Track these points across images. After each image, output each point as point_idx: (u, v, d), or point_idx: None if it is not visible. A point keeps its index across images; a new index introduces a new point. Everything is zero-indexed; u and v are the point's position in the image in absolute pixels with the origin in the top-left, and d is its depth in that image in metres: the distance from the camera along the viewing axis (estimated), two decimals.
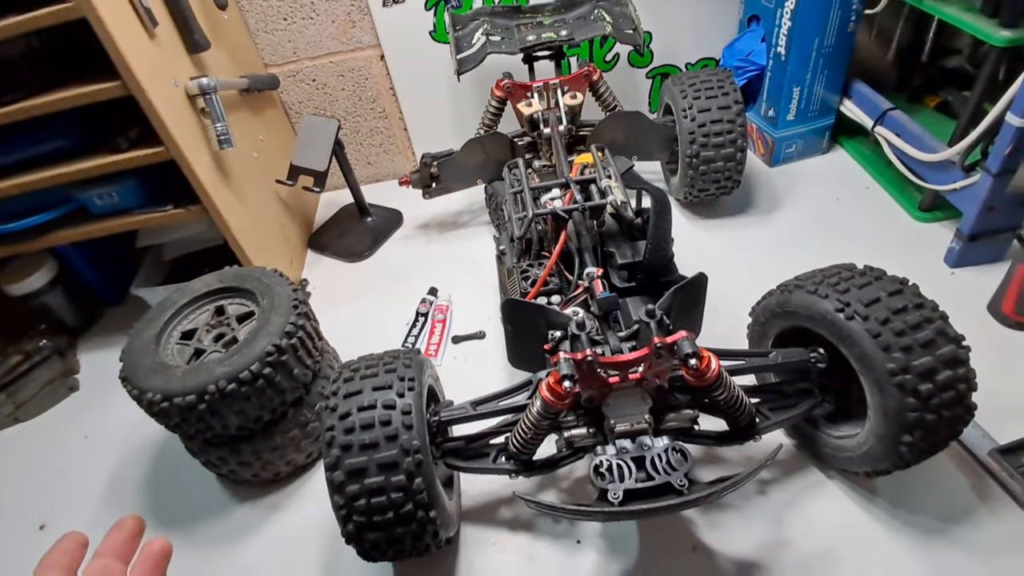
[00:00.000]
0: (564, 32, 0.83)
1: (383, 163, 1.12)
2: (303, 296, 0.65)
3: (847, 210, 0.87)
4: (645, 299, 0.62)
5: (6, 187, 0.70)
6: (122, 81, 0.63)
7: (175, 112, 0.68)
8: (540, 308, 0.56)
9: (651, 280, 0.62)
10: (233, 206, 0.78)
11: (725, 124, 0.79)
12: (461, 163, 0.87)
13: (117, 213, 0.76)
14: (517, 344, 0.60)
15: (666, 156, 0.88)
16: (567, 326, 0.54)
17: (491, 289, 0.84)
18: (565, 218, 0.62)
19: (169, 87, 0.68)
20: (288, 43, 0.96)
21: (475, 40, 0.86)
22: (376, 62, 0.99)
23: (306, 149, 0.91)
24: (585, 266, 0.63)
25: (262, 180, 0.89)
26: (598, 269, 0.62)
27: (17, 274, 0.85)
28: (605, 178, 0.63)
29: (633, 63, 1.01)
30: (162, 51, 0.69)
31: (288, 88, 1.01)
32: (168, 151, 0.68)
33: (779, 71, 0.87)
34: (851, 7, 0.80)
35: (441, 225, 1.00)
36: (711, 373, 0.47)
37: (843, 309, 0.48)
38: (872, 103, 0.85)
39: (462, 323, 0.82)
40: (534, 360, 0.60)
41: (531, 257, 0.68)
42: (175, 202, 0.75)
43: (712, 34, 0.99)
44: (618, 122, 0.84)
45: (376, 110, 1.05)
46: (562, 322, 0.56)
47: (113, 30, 0.60)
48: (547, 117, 0.81)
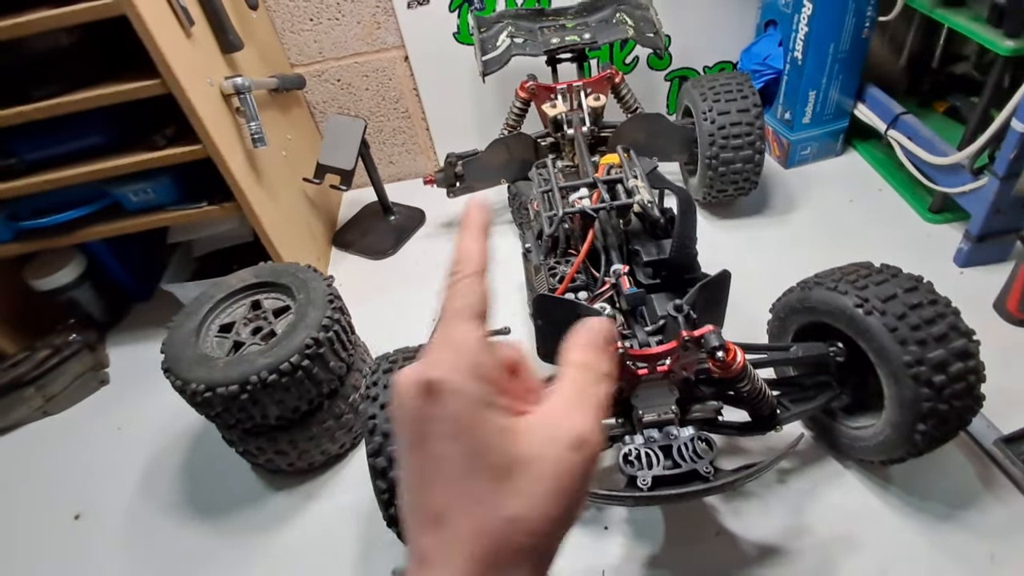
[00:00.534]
0: (587, 35, 0.85)
1: (405, 162, 1.14)
2: (337, 291, 0.67)
3: (860, 211, 0.89)
4: (670, 295, 0.64)
5: (41, 182, 0.72)
6: (161, 79, 0.65)
7: (211, 110, 0.70)
8: (571, 303, 0.58)
9: (675, 277, 0.64)
10: (265, 203, 0.80)
11: (744, 126, 0.81)
12: (485, 163, 0.89)
13: (152, 209, 0.78)
14: (547, 338, 0.63)
15: (685, 157, 0.91)
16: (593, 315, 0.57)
17: (515, 286, 0.87)
18: (593, 217, 0.64)
19: (205, 86, 0.71)
20: (314, 43, 0.98)
21: (499, 42, 0.88)
22: (400, 63, 1.02)
23: (332, 148, 0.93)
24: (612, 263, 0.65)
25: (290, 178, 0.91)
26: (624, 266, 0.64)
27: (45, 269, 0.87)
28: (632, 178, 0.65)
29: (652, 66, 1.03)
30: (198, 50, 0.71)
31: (313, 88, 1.03)
32: (205, 149, 0.70)
33: (795, 75, 0.89)
34: (865, 14, 0.82)
35: None
36: (737, 365, 0.49)
37: (862, 305, 0.50)
38: (885, 107, 0.87)
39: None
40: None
41: (558, 255, 0.70)
42: (209, 199, 0.77)
43: (730, 38, 1.01)
44: (639, 124, 0.86)
45: (399, 110, 1.07)
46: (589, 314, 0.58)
47: (152, 27, 0.62)
48: (570, 118, 0.84)
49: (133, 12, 0.60)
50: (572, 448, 0.22)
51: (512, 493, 0.21)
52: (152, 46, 0.62)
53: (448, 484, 0.21)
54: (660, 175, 0.68)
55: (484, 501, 0.21)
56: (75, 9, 0.60)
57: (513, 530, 0.21)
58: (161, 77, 0.65)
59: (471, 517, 0.21)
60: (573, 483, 0.22)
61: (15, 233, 0.78)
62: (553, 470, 0.22)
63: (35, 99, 0.67)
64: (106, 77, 0.70)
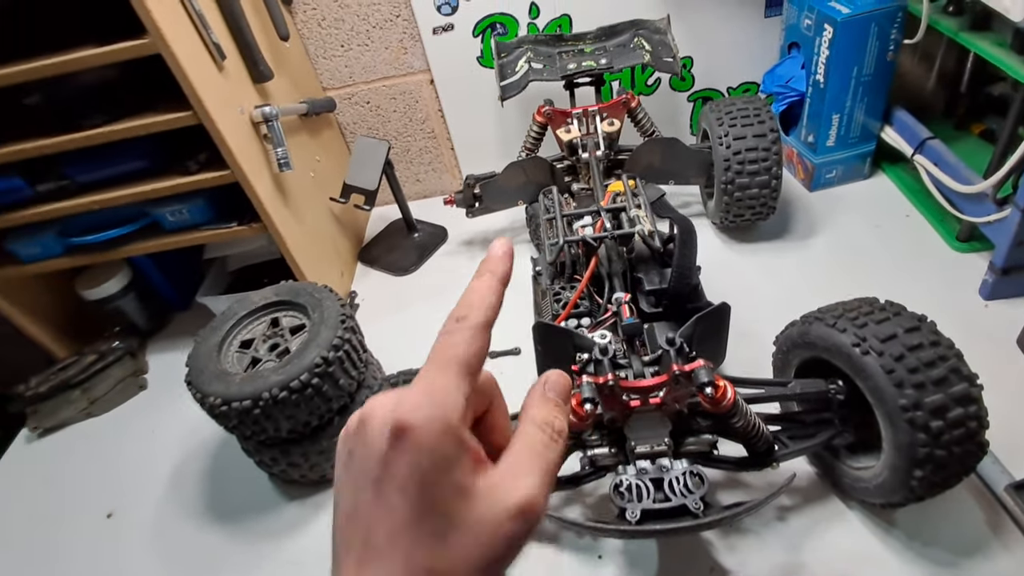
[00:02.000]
0: (604, 60, 0.86)
1: (431, 180, 1.17)
2: (350, 311, 0.70)
3: (886, 237, 0.87)
4: (673, 325, 0.65)
5: (88, 203, 0.78)
6: (193, 111, 0.70)
7: (240, 138, 0.75)
8: (567, 332, 0.60)
9: (677, 306, 0.64)
10: (290, 224, 0.84)
11: (760, 152, 0.80)
12: (503, 185, 0.91)
13: (187, 228, 0.83)
14: (547, 364, 0.64)
15: (703, 181, 0.90)
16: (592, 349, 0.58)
17: (529, 306, 0.88)
18: (595, 245, 0.65)
19: (236, 115, 0.75)
20: (345, 68, 1.03)
21: (519, 67, 0.90)
22: (426, 86, 1.05)
23: (359, 168, 0.97)
24: (614, 291, 0.66)
25: (317, 198, 0.95)
26: (626, 295, 0.65)
27: (94, 280, 0.94)
28: (634, 207, 0.66)
29: (674, 87, 1.03)
30: (229, 82, 0.75)
31: (344, 110, 1.07)
32: (233, 174, 0.75)
33: (818, 98, 0.88)
34: (889, 36, 0.81)
35: (484, 242, 1.04)
36: (727, 402, 0.49)
37: (859, 344, 0.50)
38: (912, 131, 0.85)
39: (499, 338, 0.86)
40: None
41: (564, 280, 0.72)
42: (239, 220, 0.82)
43: (754, 59, 1.00)
44: (654, 148, 0.86)
45: (426, 130, 1.10)
46: (587, 345, 0.59)
47: (185, 64, 0.67)
48: (585, 143, 0.85)
49: (167, 51, 0.65)
50: (513, 518, 0.22)
51: (444, 550, 0.22)
52: (184, 82, 0.67)
53: (390, 529, 0.22)
54: (666, 203, 0.69)
55: (415, 553, 0.22)
56: (115, 48, 0.65)
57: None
58: (193, 109, 0.69)
59: (402, 563, 0.22)
60: (507, 551, 0.22)
61: (65, 248, 0.85)
62: (490, 536, 0.22)
63: (84, 127, 0.73)
64: (148, 107, 0.75)
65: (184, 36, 0.67)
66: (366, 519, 0.23)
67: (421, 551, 0.22)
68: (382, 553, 0.22)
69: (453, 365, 0.24)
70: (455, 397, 0.23)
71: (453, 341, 0.25)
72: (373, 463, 0.23)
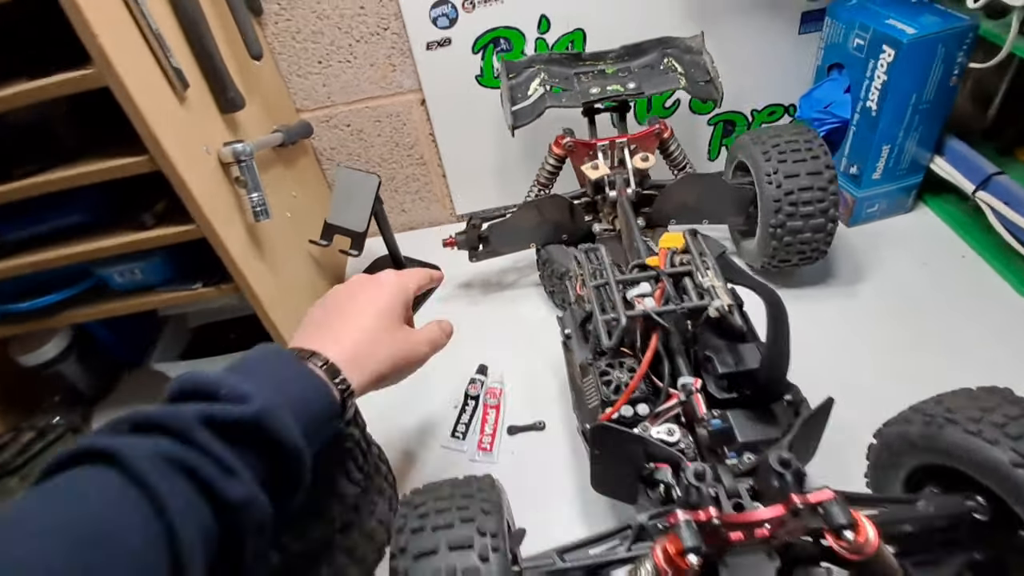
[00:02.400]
0: (632, 84, 0.75)
1: (418, 211, 1.04)
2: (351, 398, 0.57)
3: (940, 282, 0.78)
4: (749, 414, 0.54)
5: (19, 265, 0.63)
6: (149, 155, 0.55)
7: (207, 184, 0.60)
8: (640, 439, 0.48)
9: (757, 392, 0.54)
10: (266, 279, 0.70)
11: (816, 192, 0.70)
12: (514, 226, 0.79)
13: (140, 291, 0.68)
14: (605, 470, 0.52)
15: (741, 220, 0.80)
16: (676, 463, 0.47)
17: (549, 368, 0.76)
18: (660, 323, 0.54)
19: (200, 155, 0.61)
20: (323, 87, 0.88)
21: (531, 91, 0.78)
22: (416, 107, 0.92)
23: (342, 205, 0.83)
24: (678, 373, 0.55)
25: (295, 241, 0.81)
26: (696, 380, 0.54)
27: (30, 343, 0.78)
28: (705, 272, 0.55)
29: (695, 109, 0.93)
30: (193, 115, 0.61)
31: (320, 134, 0.93)
32: (199, 228, 0.60)
33: (867, 127, 0.79)
34: (955, 60, 0.72)
35: (485, 285, 0.92)
36: (869, 547, 0.39)
37: (1022, 465, 0.40)
38: (972, 165, 0.77)
39: (517, 409, 0.74)
40: (623, 489, 0.52)
41: (611, 355, 0.60)
42: (204, 279, 0.67)
43: (783, 80, 0.90)
44: (693, 185, 0.75)
45: (414, 156, 0.97)
46: (667, 457, 0.48)
47: (140, 99, 0.52)
48: (613, 180, 0.73)
49: (116, 83, 0.50)
50: (420, 343, 0.51)
51: (383, 333, 0.48)
52: (139, 121, 0.52)
53: (357, 317, 0.48)
54: (732, 263, 0.58)
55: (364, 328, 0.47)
56: (51, 82, 0.50)
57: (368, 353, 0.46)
58: (148, 153, 0.55)
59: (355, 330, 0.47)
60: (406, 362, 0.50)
61: None
62: (404, 343, 0.49)
63: (15, 177, 0.57)
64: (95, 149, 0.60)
65: (138, 63, 0.53)
66: (341, 310, 0.48)
67: (369, 331, 0.47)
68: (347, 323, 0.47)
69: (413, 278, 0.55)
70: (410, 287, 0.54)
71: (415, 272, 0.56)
72: (358, 288, 0.51)
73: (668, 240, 0.61)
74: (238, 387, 0.36)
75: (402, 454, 0.71)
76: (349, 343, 0.45)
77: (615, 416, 0.53)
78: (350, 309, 0.48)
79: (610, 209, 0.78)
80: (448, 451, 0.71)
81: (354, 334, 0.46)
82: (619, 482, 0.53)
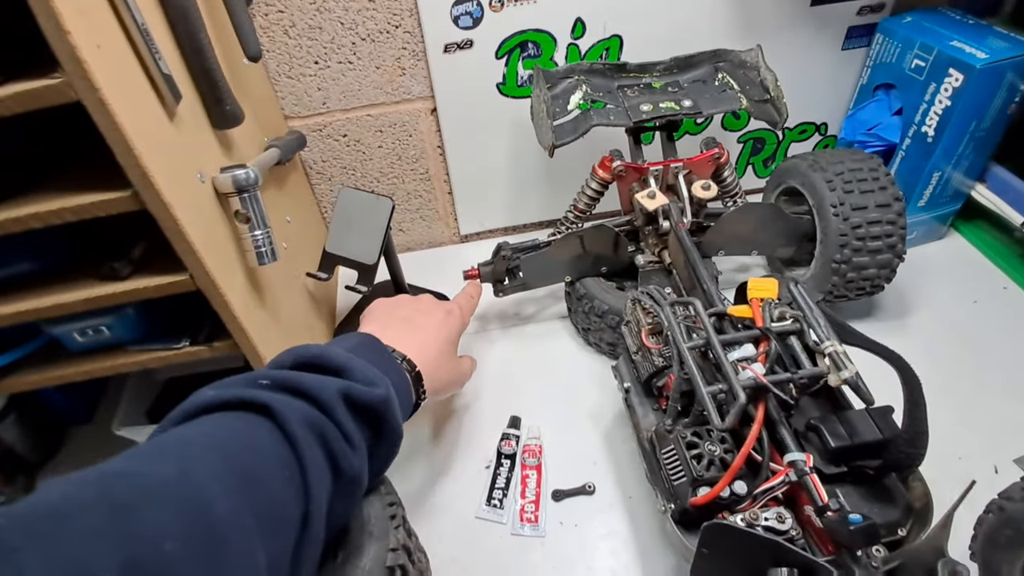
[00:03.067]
0: (687, 103, 0.67)
1: (418, 231, 0.93)
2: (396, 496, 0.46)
3: (989, 318, 0.75)
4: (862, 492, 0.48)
5: None
6: (132, 190, 0.42)
7: (202, 223, 0.48)
8: (771, 543, 0.40)
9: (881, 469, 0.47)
10: (268, 330, 0.58)
11: (885, 226, 0.65)
12: (551, 258, 0.70)
13: (106, 351, 0.54)
14: (709, 570, 0.45)
15: (790, 252, 0.74)
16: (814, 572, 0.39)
17: (588, 418, 0.68)
18: (779, 396, 0.46)
19: (194, 186, 0.48)
20: (317, 92, 0.75)
21: (571, 105, 0.68)
22: (425, 116, 0.80)
23: (345, 232, 0.71)
24: (785, 447, 0.48)
25: (291, 276, 0.68)
26: (807, 456, 0.47)
27: None
28: (821, 334, 0.48)
29: (726, 126, 0.86)
30: (185, 135, 0.48)
31: (311, 144, 0.80)
32: (192, 280, 0.47)
33: (920, 153, 0.75)
34: (1018, 88, 0.68)
35: (501, 318, 0.82)
36: None
37: None
38: (1020, 195, 0.74)
39: (557, 468, 0.65)
40: None
41: (693, 419, 0.52)
42: (191, 336, 0.54)
43: (819, 97, 0.85)
44: (750, 215, 0.69)
45: (418, 171, 0.86)
46: (806, 564, 0.40)
47: (124, 118, 0.39)
48: (667, 209, 0.65)
49: (93, 99, 0.37)
50: (467, 367, 0.60)
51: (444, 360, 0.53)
52: (121, 146, 0.39)
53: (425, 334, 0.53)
54: (840, 320, 0.51)
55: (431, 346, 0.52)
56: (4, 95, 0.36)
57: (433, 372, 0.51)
58: (132, 186, 0.41)
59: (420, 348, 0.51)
60: (457, 378, 0.57)
61: None
62: (458, 365, 0.57)
63: None
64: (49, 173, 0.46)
65: (121, 70, 0.40)
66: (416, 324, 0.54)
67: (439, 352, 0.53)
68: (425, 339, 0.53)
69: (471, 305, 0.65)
70: (467, 321, 0.62)
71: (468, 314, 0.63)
72: (430, 308, 0.58)
73: (757, 288, 0.54)
74: (367, 371, 0.40)
75: (433, 530, 0.61)
76: (425, 357, 0.50)
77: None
78: (427, 326, 0.54)
79: (656, 240, 0.70)
80: (485, 523, 0.62)
81: (429, 352, 0.51)
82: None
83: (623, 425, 0.67)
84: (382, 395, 0.39)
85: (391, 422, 0.40)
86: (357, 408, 0.38)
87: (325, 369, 0.39)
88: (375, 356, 0.45)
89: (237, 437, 0.32)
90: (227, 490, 0.28)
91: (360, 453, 0.37)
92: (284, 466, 0.32)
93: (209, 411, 0.34)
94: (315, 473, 0.33)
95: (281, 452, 0.32)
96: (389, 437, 0.41)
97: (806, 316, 0.49)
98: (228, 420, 0.33)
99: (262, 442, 0.32)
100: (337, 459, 0.35)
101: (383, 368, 0.43)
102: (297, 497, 0.32)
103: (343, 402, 0.37)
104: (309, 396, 0.36)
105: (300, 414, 0.34)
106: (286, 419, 0.33)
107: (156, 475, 0.27)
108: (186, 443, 0.31)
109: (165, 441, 0.31)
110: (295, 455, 0.33)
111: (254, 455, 0.31)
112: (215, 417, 0.33)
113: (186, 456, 0.29)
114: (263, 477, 0.30)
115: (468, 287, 0.68)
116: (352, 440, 0.36)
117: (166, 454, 0.29)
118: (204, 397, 0.34)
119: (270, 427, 0.33)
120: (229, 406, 0.34)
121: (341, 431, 0.36)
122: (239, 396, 0.34)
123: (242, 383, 0.36)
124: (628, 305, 0.60)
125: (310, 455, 0.33)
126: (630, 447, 0.65)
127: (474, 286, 0.69)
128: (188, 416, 0.34)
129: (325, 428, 0.35)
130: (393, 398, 0.40)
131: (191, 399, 0.34)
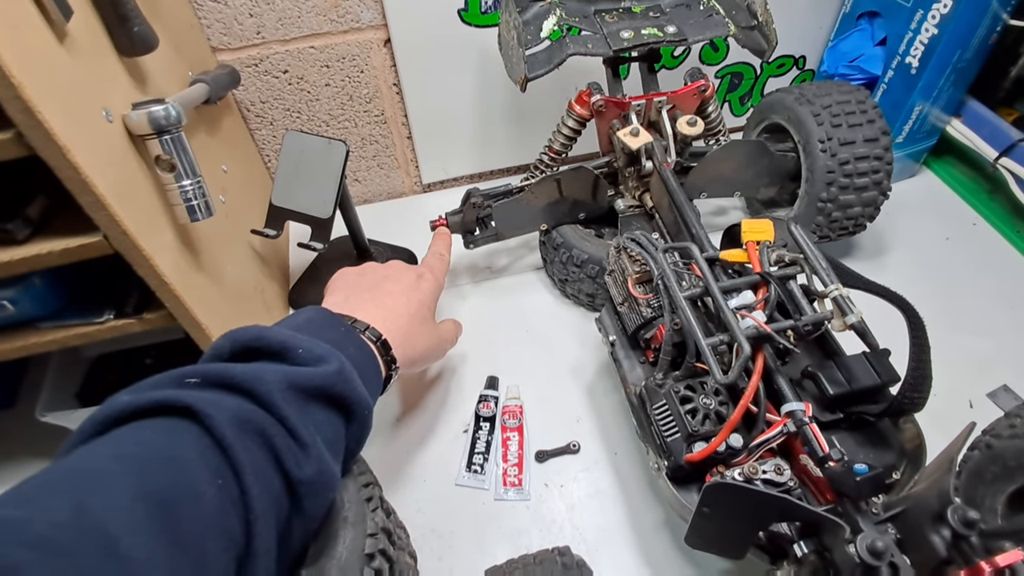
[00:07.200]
0: (671, 28, 0.61)
1: (376, 180, 0.85)
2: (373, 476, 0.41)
3: (961, 255, 0.75)
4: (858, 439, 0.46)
5: None
6: (16, 131, 0.34)
7: (113, 171, 0.39)
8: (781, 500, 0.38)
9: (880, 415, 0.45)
10: (208, 295, 0.50)
11: (872, 162, 0.62)
12: (526, 205, 0.64)
13: (13, 329, 0.45)
14: (708, 527, 0.42)
15: (773, 192, 0.71)
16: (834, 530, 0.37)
17: (569, 373, 0.64)
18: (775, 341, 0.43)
19: (99, 124, 0.39)
20: (249, 18, 0.65)
21: (544, 32, 0.61)
22: (377, 48, 0.71)
23: (293, 182, 0.63)
24: (782, 397, 0.45)
25: (234, 233, 0.60)
26: (806, 405, 0.44)
27: None
28: (824, 277, 0.45)
29: (704, 60, 0.81)
30: (81, 62, 0.39)
31: (247, 83, 0.70)
32: (108, 241, 0.40)
33: (902, 86, 0.72)
34: (1000, 17, 0.65)
35: (472, 270, 0.77)
36: None
37: None
38: (995, 129, 0.72)
39: (539, 429, 0.62)
40: (729, 547, 0.43)
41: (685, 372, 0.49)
42: (116, 307, 0.46)
43: (798, 29, 0.81)
44: (735, 153, 0.64)
45: (372, 113, 0.77)
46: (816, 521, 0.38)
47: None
48: (650, 148, 0.60)
49: None
50: (446, 331, 0.54)
51: (416, 324, 0.48)
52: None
53: (395, 303, 0.48)
54: (841, 263, 0.48)
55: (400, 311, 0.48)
56: None
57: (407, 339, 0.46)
58: (15, 126, 0.33)
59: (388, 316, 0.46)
60: (436, 347, 0.51)
61: None
62: (434, 331, 0.51)
63: None
64: None
65: None
66: (383, 290, 0.49)
67: (412, 319, 0.48)
68: (394, 305, 0.48)
69: (443, 258, 0.60)
70: (441, 285, 0.55)
71: (441, 276, 0.57)
72: (399, 273, 0.52)
73: (753, 230, 0.50)
74: (314, 348, 0.36)
75: (411, 501, 0.57)
76: (395, 326, 0.46)
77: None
78: (395, 292, 0.49)
79: (637, 182, 0.65)
80: (466, 490, 0.58)
81: (399, 320, 0.47)
82: (725, 539, 0.43)
83: (605, 378, 0.64)
84: (331, 371, 0.35)
85: (351, 397, 0.36)
86: (309, 393, 0.34)
87: (264, 353, 0.35)
88: (328, 331, 0.40)
89: (152, 450, 0.27)
90: (135, 519, 0.24)
91: (311, 452, 0.32)
92: (215, 475, 0.28)
93: (123, 421, 0.29)
94: (254, 478, 0.29)
95: (210, 460, 0.28)
96: (356, 414, 0.37)
97: (808, 259, 0.46)
98: (142, 431, 0.29)
99: (185, 452, 0.28)
100: (282, 458, 0.31)
101: (337, 343, 0.39)
102: (235, 508, 0.28)
103: (288, 390, 0.32)
104: (242, 390, 0.31)
105: (231, 413, 0.30)
106: (213, 421, 0.29)
107: (45, 520, 0.23)
108: (84, 471, 0.26)
109: (61, 470, 0.26)
110: (227, 460, 0.29)
111: (174, 469, 0.27)
112: (128, 429, 0.29)
113: (82, 487, 0.24)
114: (185, 494, 0.26)
115: (436, 244, 0.61)
116: (299, 434, 0.32)
117: (58, 489, 0.25)
118: (117, 405, 0.29)
119: (196, 432, 0.29)
120: (146, 412, 0.29)
121: (285, 426, 0.32)
122: (157, 400, 0.29)
123: (166, 382, 0.31)
124: (611, 253, 0.55)
125: (245, 458, 0.29)
126: (613, 400, 0.62)
127: (442, 241, 0.62)
128: (100, 429, 0.29)
129: (265, 424, 0.31)
130: (348, 370, 0.36)
131: (103, 408, 0.29)
